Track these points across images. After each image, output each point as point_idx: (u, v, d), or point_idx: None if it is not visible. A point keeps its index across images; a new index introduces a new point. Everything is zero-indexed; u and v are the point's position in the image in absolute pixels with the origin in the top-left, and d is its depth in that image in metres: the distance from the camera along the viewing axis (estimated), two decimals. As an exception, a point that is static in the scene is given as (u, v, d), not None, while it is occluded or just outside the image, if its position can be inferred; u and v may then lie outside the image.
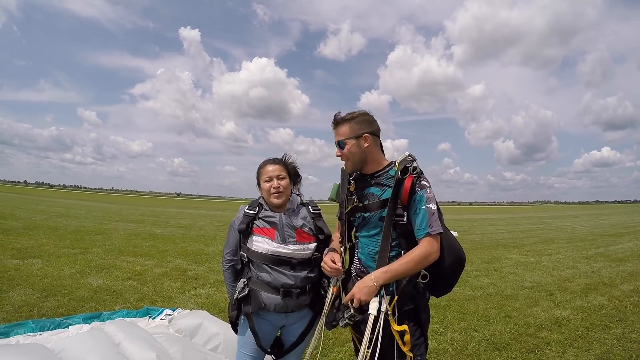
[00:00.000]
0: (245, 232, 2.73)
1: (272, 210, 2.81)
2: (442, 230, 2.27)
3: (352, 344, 2.74)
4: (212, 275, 8.77)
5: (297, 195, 3.02)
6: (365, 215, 2.45)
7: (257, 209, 2.81)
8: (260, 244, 2.68)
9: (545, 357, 4.77)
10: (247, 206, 2.85)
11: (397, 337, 2.21)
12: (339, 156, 2.53)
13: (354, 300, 2.26)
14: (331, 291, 2.60)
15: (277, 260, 2.66)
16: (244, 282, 2.75)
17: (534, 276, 9.71)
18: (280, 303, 2.66)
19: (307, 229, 2.79)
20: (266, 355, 2.87)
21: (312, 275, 2.77)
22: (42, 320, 4.67)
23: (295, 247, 2.69)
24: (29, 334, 4.32)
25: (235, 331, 2.88)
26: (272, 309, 2.68)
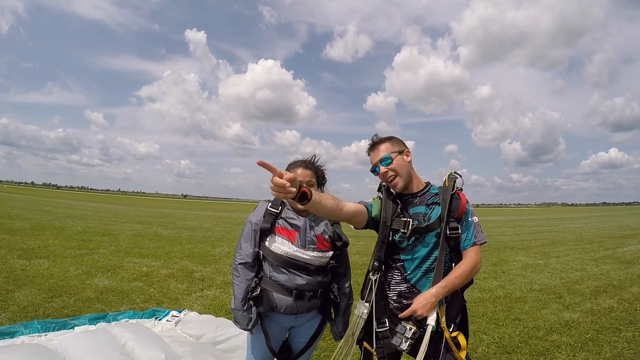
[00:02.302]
0: (268, 231, 2.67)
1: (295, 213, 2.75)
2: (485, 240, 2.41)
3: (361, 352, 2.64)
4: (219, 276, 8.75)
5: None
6: (419, 235, 2.38)
7: (280, 208, 2.75)
8: (280, 245, 2.63)
9: (555, 360, 4.73)
10: (270, 204, 2.77)
11: (452, 344, 2.22)
12: (384, 173, 2.45)
13: (414, 316, 2.24)
14: (359, 321, 2.48)
15: (295, 265, 2.62)
16: (256, 281, 2.72)
17: (543, 278, 9.65)
18: (291, 304, 2.62)
19: (327, 236, 2.74)
20: (275, 358, 2.84)
21: (325, 279, 2.76)
22: (48, 321, 4.66)
23: (314, 254, 2.64)
24: (34, 334, 4.30)
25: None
26: (282, 310, 2.65)
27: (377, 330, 2.43)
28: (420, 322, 2.25)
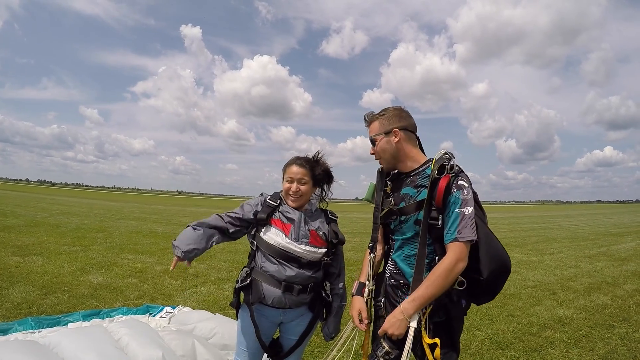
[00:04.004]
0: (264, 221, 2.71)
1: (292, 208, 2.79)
2: (473, 238, 2.07)
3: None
4: (213, 273, 8.74)
5: (321, 197, 2.98)
6: (402, 218, 2.30)
7: (278, 202, 2.80)
8: (274, 235, 2.66)
9: (549, 356, 4.75)
10: (269, 196, 2.84)
11: (427, 350, 2.09)
12: (372, 154, 2.46)
13: (387, 335, 2.13)
14: (345, 337, 2.58)
15: (286, 256, 2.63)
16: (247, 271, 2.75)
17: (537, 275, 9.70)
18: (279, 297, 2.64)
19: (321, 233, 2.76)
20: (265, 353, 2.87)
21: (317, 275, 2.75)
22: (42, 318, 4.64)
23: (307, 248, 2.66)
24: (27, 331, 4.28)
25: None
26: (270, 302, 2.66)
27: (375, 308, 2.45)
28: (396, 342, 2.13)
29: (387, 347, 2.13)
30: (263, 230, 2.71)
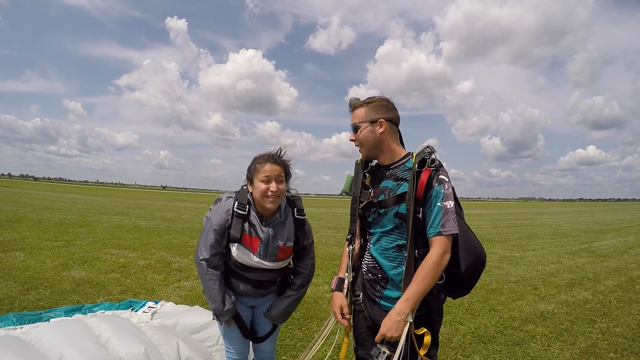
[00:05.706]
0: (237, 240, 2.58)
1: (260, 217, 2.64)
2: (455, 231, 2.11)
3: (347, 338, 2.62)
4: (196, 267, 8.67)
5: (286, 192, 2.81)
6: (381, 211, 2.27)
7: (247, 208, 2.61)
8: (242, 254, 2.62)
9: (530, 350, 4.79)
10: (237, 203, 2.61)
11: (414, 341, 2.10)
12: (352, 140, 2.40)
13: (386, 339, 2.08)
14: (326, 331, 2.64)
15: (255, 268, 2.69)
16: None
17: (519, 271, 9.80)
18: (251, 291, 2.77)
19: (290, 244, 2.72)
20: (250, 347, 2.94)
21: (286, 271, 2.90)
22: (24, 314, 4.58)
23: (276, 263, 2.69)
24: (9, 327, 4.22)
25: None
26: (242, 294, 2.78)
27: (353, 302, 2.44)
28: (394, 344, 2.08)
29: (387, 352, 2.07)
30: (231, 245, 2.63)
